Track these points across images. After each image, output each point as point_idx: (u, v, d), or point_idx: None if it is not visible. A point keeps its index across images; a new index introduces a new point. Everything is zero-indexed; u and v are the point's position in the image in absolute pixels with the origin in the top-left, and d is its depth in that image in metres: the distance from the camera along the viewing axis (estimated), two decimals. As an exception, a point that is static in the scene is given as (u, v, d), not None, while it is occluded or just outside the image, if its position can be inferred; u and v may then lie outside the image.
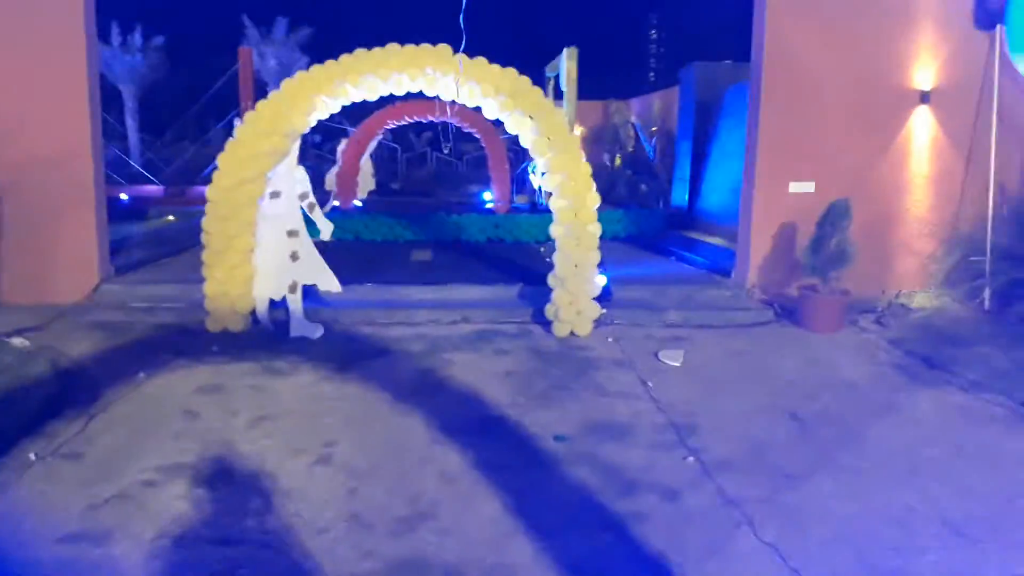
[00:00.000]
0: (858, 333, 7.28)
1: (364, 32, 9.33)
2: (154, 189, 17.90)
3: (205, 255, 6.90)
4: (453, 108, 12.02)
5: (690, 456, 4.50)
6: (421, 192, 18.48)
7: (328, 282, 7.17)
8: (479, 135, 14.54)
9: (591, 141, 17.69)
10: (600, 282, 7.24)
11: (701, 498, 4.00)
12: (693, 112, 12.61)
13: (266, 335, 6.95)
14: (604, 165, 17.01)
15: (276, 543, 3.52)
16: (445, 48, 7.02)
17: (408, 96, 7.94)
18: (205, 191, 6.97)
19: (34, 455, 4.38)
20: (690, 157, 12.60)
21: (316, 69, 7.01)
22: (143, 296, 7.80)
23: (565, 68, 14.04)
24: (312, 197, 7.29)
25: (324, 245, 7.28)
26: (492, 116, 7.48)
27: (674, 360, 6.28)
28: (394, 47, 7.00)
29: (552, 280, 7.16)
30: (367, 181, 15.97)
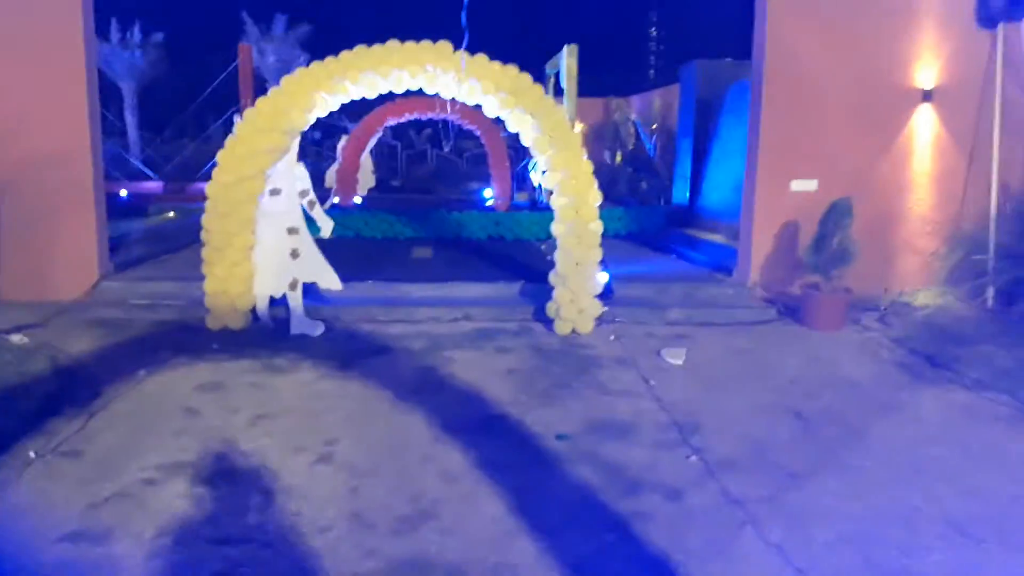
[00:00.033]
0: (861, 331, 7.26)
1: (364, 29, 9.31)
2: (154, 185, 17.87)
3: (205, 252, 6.88)
4: (454, 106, 11.99)
5: (693, 455, 4.48)
6: (421, 189, 18.46)
7: (329, 280, 7.13)
8: (479, 132, 14.51)
9: (592, 139, 17.66)
10: (602, 280, 7.22)
11: (704, 497, 3.98)
12: (694, 109, 12.60)
13: (266, 332, 6.93)
14: (605, 162, 16.98)
15: (277, 542, 3.50)
16: (445, 45, 6.98)
17: (408, 93, 7.91)
18: (205, 188, 6.95)
19: (34, 453, 4.36)
20: (691, 155, 12.59)
21: (316, 66, 6.97)
22: (143, 293, 7.78)
23: (565, 65, 14.00)
24: (312, 194, 7.26)
25: (324, 242, 7.25)
26: (493, 114, 7.45)
27: (676, 358, 6.26)
28: (394, 44, 6.97)
29: (553, 278, 7.14)
30: (367, 178, 15.94)
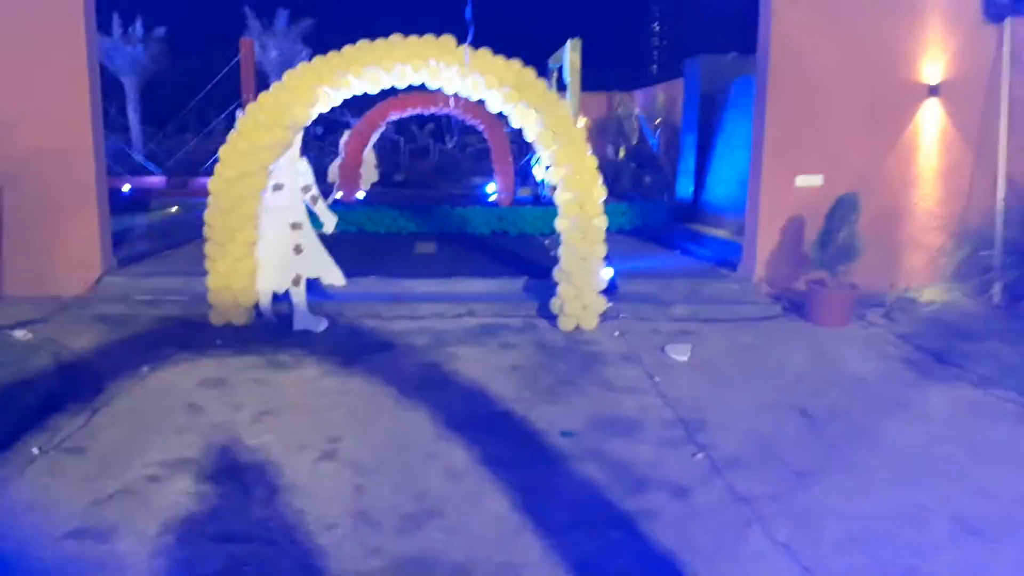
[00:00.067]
0: (866, 328, 7.22)
1: (366, 23, 9.25)
2: (156, 180, 17.84)
3: (208, 248, 6.85)
4: (458, 101, 11.93)
5: (699, 452, 4.45)
6: (424, 184, 18.40)
7: (332, 275, 7.10)
8: (482, 127, 14.45)
9: (595, 133, 17.57)
10: (606, 276, 7.18)
11: (711, 495, 3.95)
12: (698, 104, 12.53)
13: (270, 328, 6.90)
14: (608, 157, 16.91)
15: (281, 540, 3.48)
16: (449, 39, 6.93)
17: (411, 88, 7.86)
18: (207, 183, 6.91)
19: (37, 449, 4.34)
20: (695, 149, 12.52)
21: (318, 60, 6.93)
22: (146, 289, 7.75)
23: (569, 59, 13.92)
24: (315, 190, 7.23)
25: (327, 238, 7.22)
26: (496, 109, 7.40)
27: (681, 355, 6.23)
28: (397, 38, 6.92)
29: (557, 274, 7.11)
30: (370, 173, 15.88)
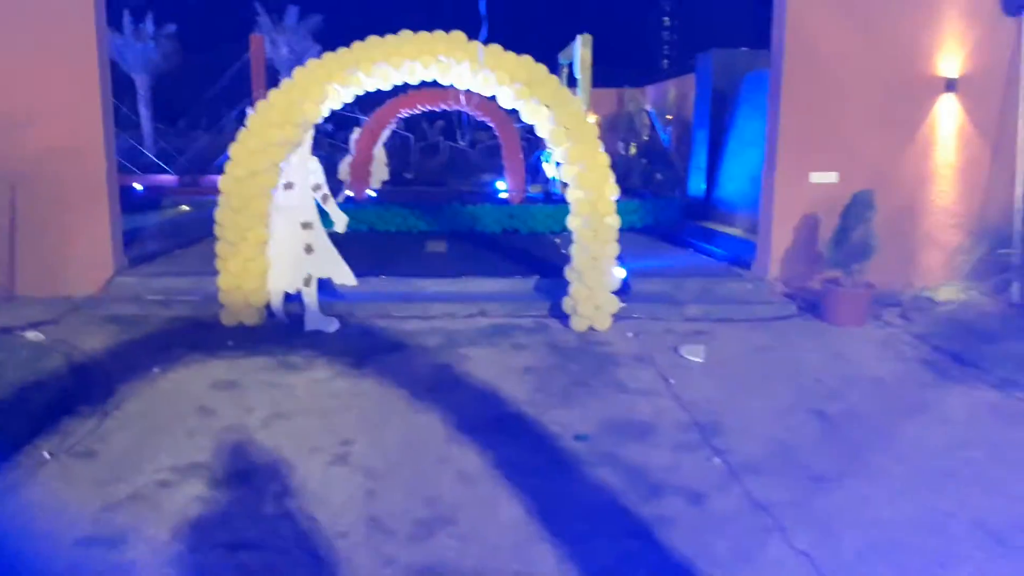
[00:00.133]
0: (883, 327, 7.13)
1: (377, 19, 9.19)
2: (168, 178, 17.85)
3: (219, 248, 6.82)
4: (469, 97, 11.83)
5: (716, 457, 4.39)
6: (434, 181, 18.34)
7: (343, 275, 7.07)
8: (493, 124, 14.37)
9: (605, 129, 17.46)
10: (619, 275, 7.11)
11: (728, 502, 3.89)
12: (710, 100, 12.41)
13: (281, 329, 6.87)
14: (619, 154, 16.81)
15: (293, 548, 3.44)
16: (459, 35, 6.88)
17: (422, 84, 7.80)
18: (218, 180, 6.88)
19: (48, 453, 4.32)
20: (707, 146, 12.41)
21: (328, 57, 6.89)
22: (157, 289, 7.73)
23: (579, 55, 13.85)
24: (326, 188, 7.18)
25: (338, 237, 7.18)
26: (507, 105, 7.34)
27: (696, 356, 6.16)
28: (407, 34, 6.87)
29: (570, 273, 7.04)
30: (380, 171, 15.83)
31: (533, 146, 15.72)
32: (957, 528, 3.62)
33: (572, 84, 14.04)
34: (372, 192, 14.46)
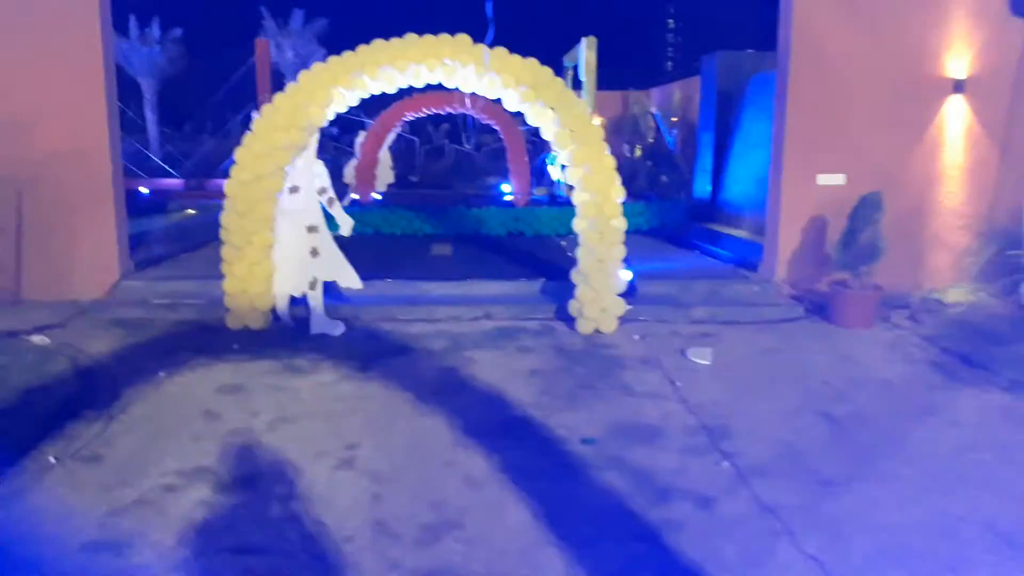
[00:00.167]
0: (891, 329, 7.09)
1: (382, 23, 9.20)
2: (174, 182, 17.89)
3: (224, 251, 6.82)
4: (475, 100, 11.83)
5: (724, 461, 4.35)
6: (439, 184, 18.35)
7: (348, 278, 7.06)
8: (498, 127, 14.38)
9: (610, 132, 17.42)
10: (625, 278, 7.08)
11: (737, 505, 3.85)
12: (715, 102, 12.40)
13: (286, 332, 6.86)
14: (624, 156, 16.78)
15: (299, 552, 3.42)
16: (464, 38, 6.87)
17: (427, 87, 7.80)
18: (224, 184, 6.88)
19: (54, 458, 4.31)
20: (712, 148, 12.39)
21: (333, 60, 6.88)
22: (163, 292, 7.74)
23: (584, 58, 13.83)
24: (331, 191, 7.18)
25: (343, 240, 7.17)
26: (513, 108, 7.33)
27: (703, 358, 6.12)
28: (412, 37, 6.87)
29: (575, 276, 7.02)
30: (386, 174, 15.84)
31: (538, 149, 15.72)
32: (968, 532, 3.59)
33: (577, 87, 14.02)
34: (377, 195, 14.47)
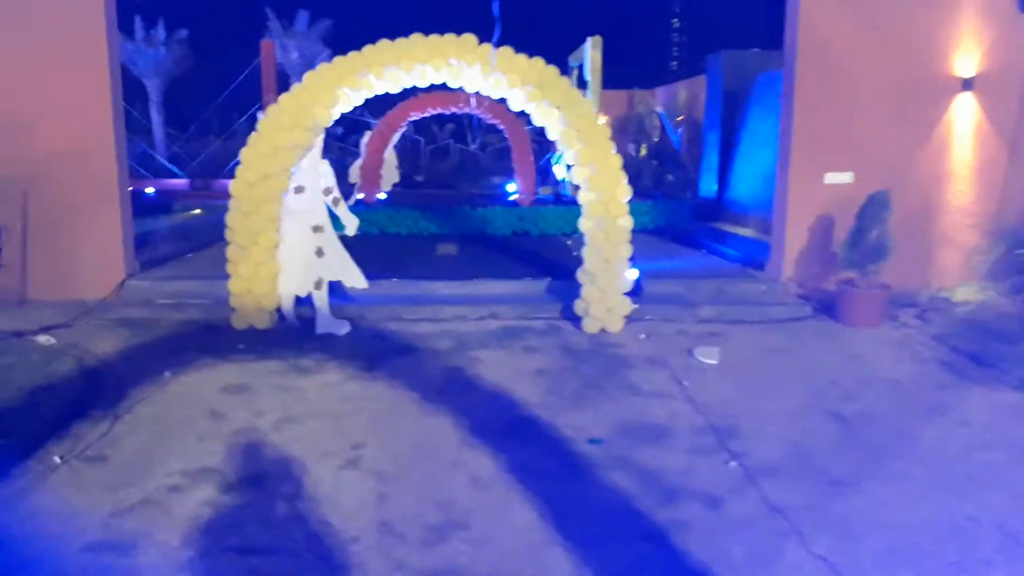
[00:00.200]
0: (899, 328, 7.04)
1: (387, 23, 9.17)
2: (179, 183, 17.93)
3: (229, 251, 6.82)
4: (480, 101, 11.80)
5: (731, 461, 4.32)
6: (444, 184, 18.35)
7: (354, 278, 7.05)
8: (503, 126, 14.35)
9: (615, 131, 17.37)
10: (631, 277, 7.05)
11: (745, 506, 3.82)
12: (720, 101, 12.37)
13: (292, 332, 6.85)
14: (629, 155, 16.75)
15: (305, 553, 3.41)
16: (469, 38, 6.85)
17: (432, 87, 7.78)
18: (229, 184, 6.88)
19: (59, 458, 4.31)
20: (718, 147, 12.36)
21: (339, 61, 6.87)
22: (169, 292, 7.74)
23: (589, 57, 13.80)
24: (337, 192, 7.17)
25: (349, 240, 7.16)
26: (518, 107, 7.30)
27: (710, 358, 6.09)
28: (417, 37, 6.85)
29: (581, 275, 6.99)
30: (391, 174, 15.84)
31: (543, 148, 15.69)
32: (978, 532, 3.55)
33: (582, 86, 13.98)
34: (382, 195, 14.46)
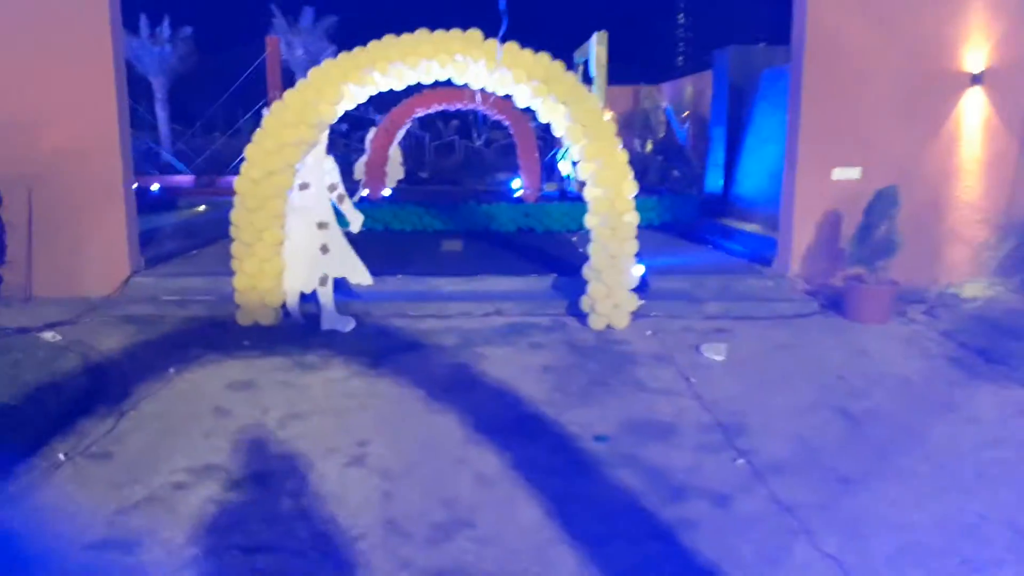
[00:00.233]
0: (907, 324, 6.99)
1: (392, 19, 9.14)
2: (185, 179, 17.93)
3: (234, 248, 6.80)
4: (486, 97, 11.74)
5: (740, 458, 4.29)
6: (449, 180, 18.33)
7: (359, 274, 7.03)
8: (508, 122, 14.32)
9: (621, 127, 17.33)
10: (637, 273, 7.02)
11: (753, 504, 3.79)
12: (727, 96, 12.31)
13: (297, 329, 6.84)
14: (635, 151, 16.70)
15: (310, 551, 3.39)
16: (475, 33, 6.81)
17: (437, 84, 7.74)
18: (234, 181, 6.86)
19: (63, 455, 4.30)
20: (724, 142, 12.30)
21: (344, 57, 6.84)
22: (174, 289, 7.73)
23: (595, 53, 13.75)
24: (342, 188, 7.14)
25: (353, 236, 7.14)
26: (524, 103, 7.26)
27: (717, 354, 6.06)
28: (423, 33, 6.81)
29: (587, 272, 6.96)
30: (396, 170, 15.82)
31: (548, 145, 15.65)
32: (988, 530, 3.52)
33: (588, 82, 13.94)
34: (387, 191, 14.44)
